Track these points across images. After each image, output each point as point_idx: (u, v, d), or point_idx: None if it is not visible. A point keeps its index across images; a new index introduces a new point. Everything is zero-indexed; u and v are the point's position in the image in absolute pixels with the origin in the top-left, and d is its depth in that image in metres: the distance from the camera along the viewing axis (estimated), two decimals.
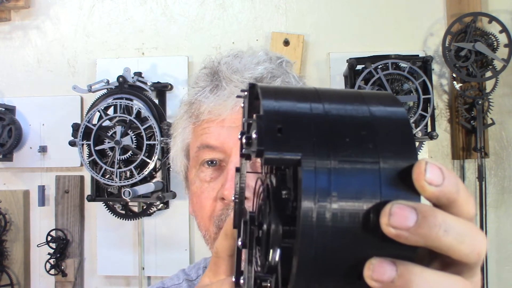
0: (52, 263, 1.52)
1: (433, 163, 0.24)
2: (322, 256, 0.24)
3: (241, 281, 0.30)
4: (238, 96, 0.32)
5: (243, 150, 0.27)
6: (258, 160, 0.31)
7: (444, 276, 0.25)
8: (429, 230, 0.24)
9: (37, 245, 1.55)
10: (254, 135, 0.25)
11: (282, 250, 0.25)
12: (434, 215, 0.24)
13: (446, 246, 0.24)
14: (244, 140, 0.27)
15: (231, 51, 0.68)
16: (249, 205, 0.58)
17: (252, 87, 0.29)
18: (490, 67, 1.38)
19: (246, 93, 0.30)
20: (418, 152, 1.34)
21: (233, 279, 0.32)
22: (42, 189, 1.56)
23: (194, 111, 0.66)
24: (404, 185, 0.24)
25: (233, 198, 0.33)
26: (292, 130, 0.25)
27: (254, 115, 0.26)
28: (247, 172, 0.32)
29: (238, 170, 0.33)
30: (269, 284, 0.27)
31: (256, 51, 0.67)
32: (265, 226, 0.26)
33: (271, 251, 0.25)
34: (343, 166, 0.24)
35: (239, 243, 0.29)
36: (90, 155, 1.37)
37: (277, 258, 0.25)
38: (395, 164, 0.25)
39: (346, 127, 0.25)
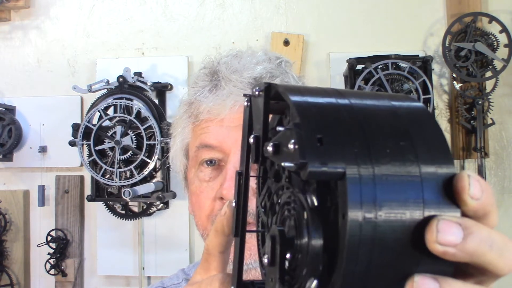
0: (52, 263, 1.52)
1: (474, 177, 0.24)
2: (366, 273, 0.23)
3: None
4: (245, 95, 0.31)
5: (282, 162, 0.25)
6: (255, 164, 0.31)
7: None
8: (476, 246, 0.23)
9: (37, 245, 1.55)
10: (292, 146, 0.23)
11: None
12: (479, 231, 0.23)
13: (488, 261, 0.24)
14: (271, 149, 0.25)
15: (231, 51, 0.68)
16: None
17: (268, 87, 0.28)
18: (490, 67, 1.38)
19: (258, 92, 0.29)
20: None
21: None
22: (42, 189, 1.56)
23: (193, 111, 0.66)
24: (446, 197, 0.24)
25: (233, 204, 0.32)
26: (332, 140, 0.23)
27: (291, 123, 0.24)
28: (251, 175, 0.31)
29: (240, 174, 0.32)
30: None
31: (255, 51, 0.67)
32: (304, 241, 0.24)
33: (308, 281, 0.24)
34: (387, 179, 0.23)
35: (265, 260, 0.27)
36: (90, 155, 1.37)
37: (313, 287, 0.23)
38: (436, 176, 0.24)
39: (383, 134, 0.24)
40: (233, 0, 1.56)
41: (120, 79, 1.40)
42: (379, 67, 1.33)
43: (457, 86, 1.42)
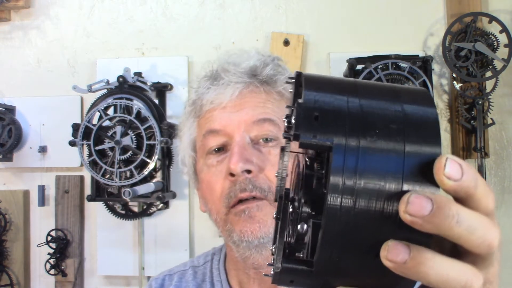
0: (52, 263, 1.52)
1: (454, 159, 0.26)
2: (345, 233, 0.26)
3: (272, 249, 0.32)
4: (287, 82, 0.34)
5: (283, 134, 0.31)
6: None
7: (454, 262, 0.27)
8: (442, 220, 0.25)
9: (37, 245, 1.55)
10: (293, 121, 0.27)
11: (313, 225, 0.28)
12: (448, 207, 0.26)
13: (457, 235, 0.26)
14: (286, 124, 0.30)
15: (226, 52, 0.74)
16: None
17: (298, 76, 0.31)
18: (490, 67, 1.38)
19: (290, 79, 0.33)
20: None
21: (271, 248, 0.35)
22: (42, 189, 1.56)
23: (197, 106, 0.71)
24: (426, 176, 0.26)
25: (276, 174, 0.36)
26: (328, 119, 0.27)
27: (296, 102, 0.29)
28: (291, 151, 0.34)
29: (283, 149, 0.36)
30: (302, 255, 0.30)
31: (249, 50, 0.73)
32: (296, 202, 0.28)
33: (299, 225, 0.28)
34: (371, 153, 0.26)
35: (274, 215, 0.32)
36: (90, 155, 1.37)
37: (304, 230, 0.28)
38: (419, 156, 0.27)
39: (378, 121, 0.27)
40: (233, 0, 1.56)
41: (120, 79, 1.40)
42: (379, 67, 1.33)
43: (457, 86, 1.42)
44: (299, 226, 0.28)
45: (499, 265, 0.31)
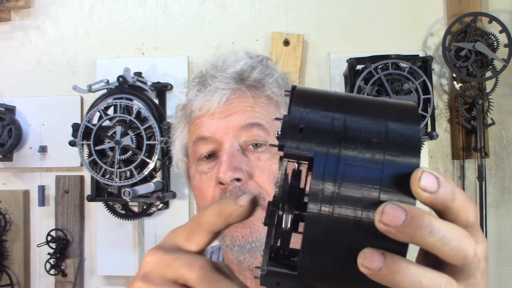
0: (52, 263, 1.52)
1: (430, 172, 0.27)
2: (324, 239, 0.28)
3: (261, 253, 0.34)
4: (285, 95, 0.35)
5: (269, 143, 0.32)
6: None
7: (428, 271, 0.28)
8: (415, 230, 0.26)
9: (37, 245, 1.55)
10: (280, 132, 0.29)
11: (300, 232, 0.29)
12: (422, 218, 0.26)
13: (430, 245, 0.27)
14: (276, 135, 0.31)
15: (214, 55, 0.74)
16: None
17: (293, 89, 0.32)
18: (490, 67, 1.38)
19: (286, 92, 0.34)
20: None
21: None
22: (42, 189, 1.56)
23: (187, 111, 0.72)
24: (403, 188, 0.27)
25: (274, 182, 0.37)
26: (312, 131, 0.29)
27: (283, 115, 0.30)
28: (289, 160, 0.35)
29: (281, 158, 0.37)
30: (296, 260, 0.30)
31: (237, 51, 0.74)
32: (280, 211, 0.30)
33: (284, 218, 0.30)
34: (350, 164, 0.28)
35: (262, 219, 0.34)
36: (90, 155, 1.37)
37: (289, 225, 0.30)
38: (398, 168, 0.28)
39: (360, 136, 0.29)
40: (233, 0, 1.56)
41: (120, 79, 1.40)
42: (379, 67, 1.33)
43: (457, 86, 1.42)
44: (283, 223, 0.30)
45: (485, 277, 0.31)
